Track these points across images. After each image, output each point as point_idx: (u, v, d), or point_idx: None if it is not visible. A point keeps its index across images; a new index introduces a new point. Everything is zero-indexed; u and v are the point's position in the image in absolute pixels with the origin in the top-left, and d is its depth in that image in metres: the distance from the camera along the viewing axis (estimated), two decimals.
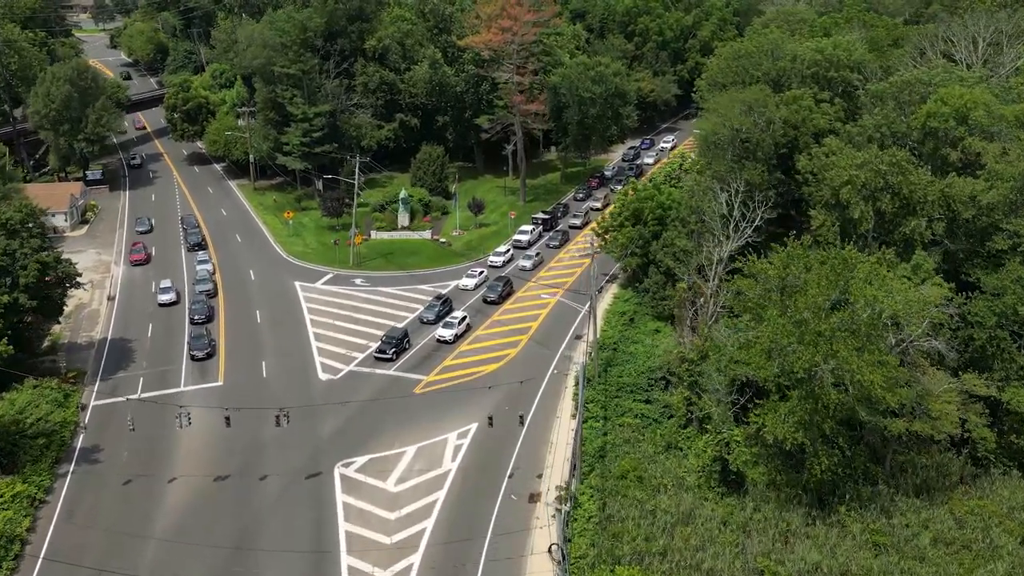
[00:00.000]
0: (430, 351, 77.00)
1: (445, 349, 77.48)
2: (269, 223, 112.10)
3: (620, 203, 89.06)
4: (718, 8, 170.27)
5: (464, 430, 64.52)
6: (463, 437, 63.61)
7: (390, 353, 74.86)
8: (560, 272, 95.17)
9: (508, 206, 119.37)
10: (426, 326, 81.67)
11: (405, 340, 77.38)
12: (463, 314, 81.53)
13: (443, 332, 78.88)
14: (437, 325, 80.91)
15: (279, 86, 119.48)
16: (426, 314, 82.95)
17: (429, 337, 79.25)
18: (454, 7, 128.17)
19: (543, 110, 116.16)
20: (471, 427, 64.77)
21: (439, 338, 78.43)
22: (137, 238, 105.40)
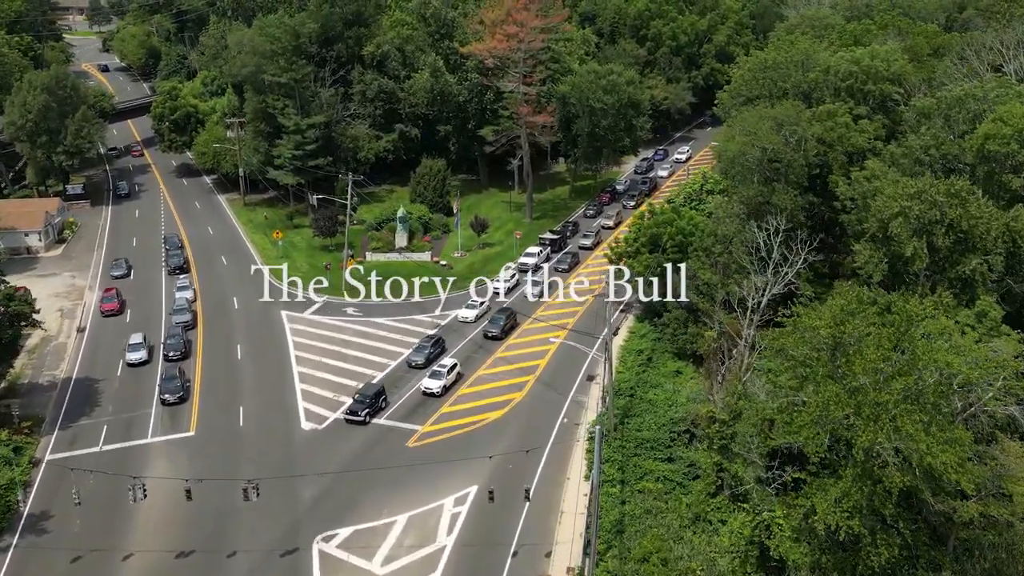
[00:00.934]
0: (422, 398, 69.41)
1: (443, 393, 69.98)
2: (258, 243, 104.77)
3: (636, 227, 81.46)
4: (734, 12, 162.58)
5: (462, 494, 56.97)
6: (461, 504, 56.05)
7: (362, 415, 65.01)
8: (569, 301, 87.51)
9: (513, 224, 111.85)
10: (415, 371, 72.84)
11: (381, 399, 67.19)
12: (453, 361, 72.41)
13: (429, 383, 69.48)
14: (427, 370, 72.21)
15: (270, 96, 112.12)
16: (415, 357, 74.27)
17: (419, 383, 70.78)
18: (457, 12, 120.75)
19: (551, 122, 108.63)
20: (470, 491, 57.21)
21: (425, 390, 69.10)
22: (111, 283, 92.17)
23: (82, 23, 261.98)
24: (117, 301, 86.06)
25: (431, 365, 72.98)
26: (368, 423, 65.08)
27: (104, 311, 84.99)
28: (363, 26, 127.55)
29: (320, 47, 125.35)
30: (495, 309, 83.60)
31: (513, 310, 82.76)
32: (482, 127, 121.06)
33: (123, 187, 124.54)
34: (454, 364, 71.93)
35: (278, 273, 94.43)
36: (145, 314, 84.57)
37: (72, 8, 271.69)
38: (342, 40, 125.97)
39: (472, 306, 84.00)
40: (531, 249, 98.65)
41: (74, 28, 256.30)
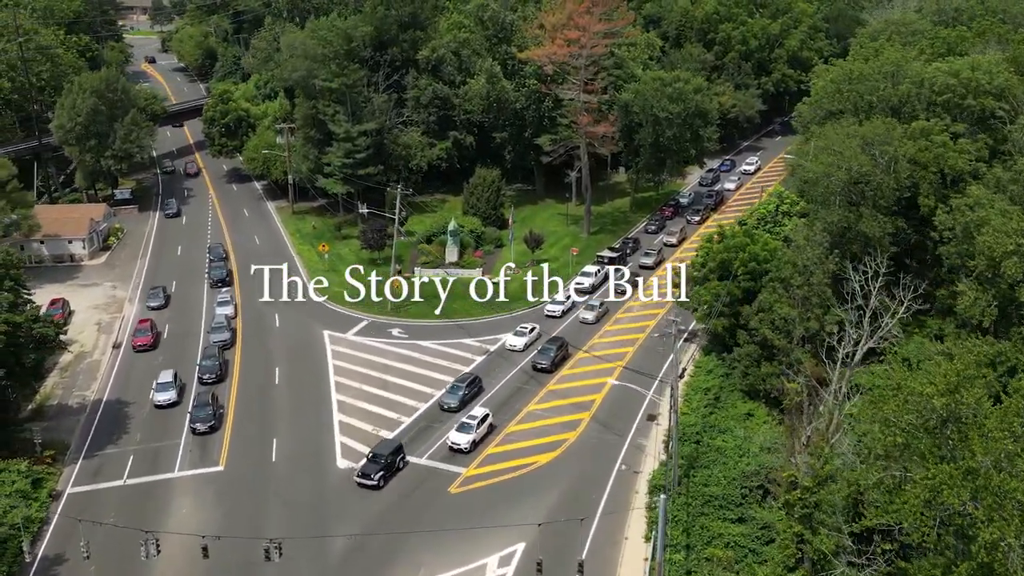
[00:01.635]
0: None
1: None
2: (304, 255, 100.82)
3: (704, 251, 75.01)
4: (808, 15, 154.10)
5: (508, 552, 51.49)
6: (506, 564, 50.58)
7: (375, 478, 57.21)
8: (628, 327, 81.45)
9: (570, 238, 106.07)
10: (449, 414, 66.20)
11: (399, 458, 59.37)
12: (484, 412, 63.94)
13: (457, 438, 61.50)
14: (461, 414, 65.25)
15: (320, 101, 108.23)
16: (448, 400, 67.14)
17: (450, 429, 63.73)
18: (515, 15, 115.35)
19: (612, 132, 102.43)
20: (516, 549, 51.70)
21: (452, 445, 61.43)
22: (147, 314, 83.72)
23: (145, 23, 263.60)
24: (151, 335, 78.14)
25: (465, 408, 66.34)
26: (382, 487, 57.56)
27: (136, 346, 77.14)
28: (419, 29, 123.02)
29: (374, 51, 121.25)
30: (545, 338, 77.81)
31: (564, 340, 76.76)
32: (539, 135, 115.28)
33: (171, 205, 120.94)
34: (485, 415, 63.64)
35: (322, 289, 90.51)
36: (182, 338, 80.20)
37: (136, 8, 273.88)
38: (396, 43, 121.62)
39: (521, 333, 78.20)
40: (587, 268, 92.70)
41: (137, 27, 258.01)
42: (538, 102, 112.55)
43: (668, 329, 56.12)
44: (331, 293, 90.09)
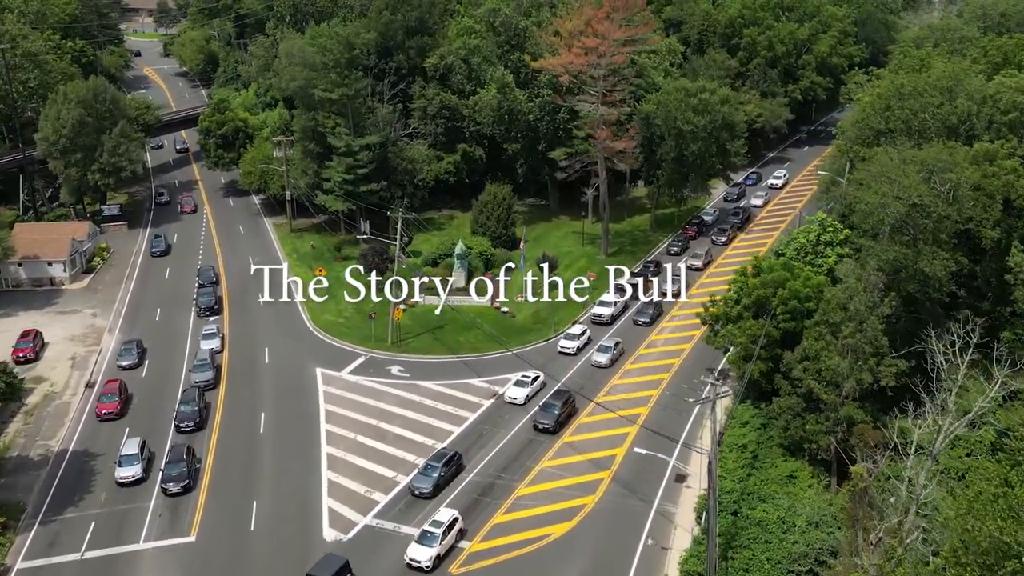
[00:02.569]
0: (473, 499, 56.75)
1: (497, 493, 57.24)
2: (302, 278, 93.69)
3: (738, 284, 67.34)
4: (837, 19, 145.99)
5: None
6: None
7: None
8: (649, 368, 73.89)
9: (586, 260, 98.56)
10: (422, 500, 55.69)
11: None
12: (452, 514, 52.23)
13: (417, 553, 49.63)
14: (434, 502, 55.09)
15: (320, 112, 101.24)
16: (420, 484, 56.15)
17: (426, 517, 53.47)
18: (529, 20, 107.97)
19: (633, 147, 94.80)
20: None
21: (410, 562, 49.48)
22: (116, 374, 72.21)
23: (151, 25, 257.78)
24: (118, 400, 66.35)
25: (441, 493, 56.44)
26: None
27: (101, 414, 65.60)
28: (426, 35, 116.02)
29: (378, 58, 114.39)
30: (550, 388, 69.08)
31: (571, 395, 67.19)
32: (553, 149, 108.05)
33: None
34: (454, 520, 51.92)
35: (315, 315, 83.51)
36: (161, 378, 73.35)
37: (142, 10, 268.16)
38: (402, 50, 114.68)
39: (522, 383, 68.78)
40: (606, 297, 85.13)
41: (143, 30, 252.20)
42: (552, 113, 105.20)
43: (703, 393, 48.55)
44: (326, 323, 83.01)
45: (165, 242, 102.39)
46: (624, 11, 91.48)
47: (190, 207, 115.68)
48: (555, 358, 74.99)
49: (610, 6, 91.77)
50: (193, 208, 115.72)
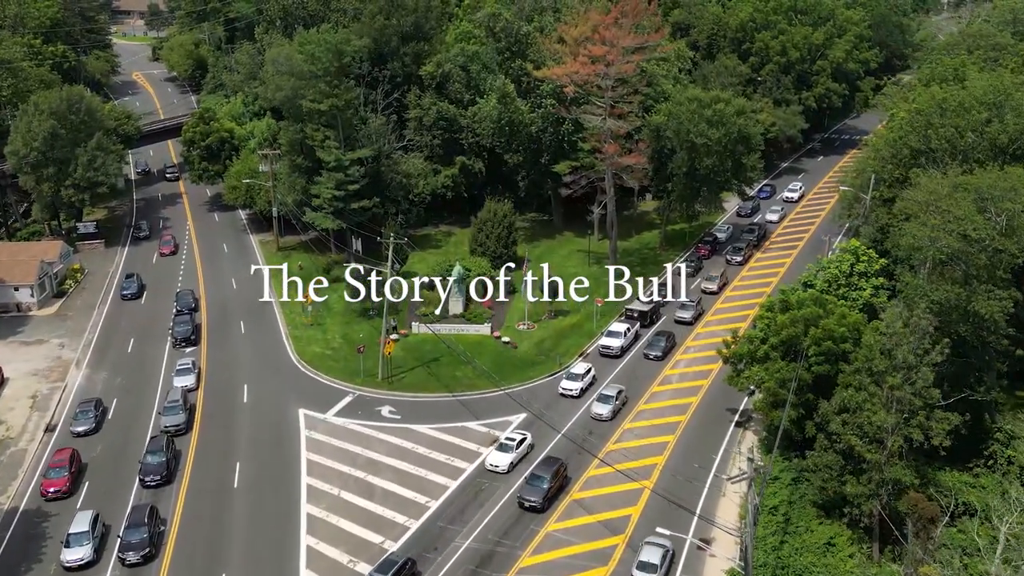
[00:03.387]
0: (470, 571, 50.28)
1: (498, 564, 50.74)
2: (285, 305, 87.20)
3: (764, 320, 60.97)
4: (853, 23, 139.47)
5: None
6: None
7: None
8: (663, 409, 67.40)
9: (594, 282, 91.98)
10: None
11: None
12: None
13: None
14: None
15: (308, 124, 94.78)
16: None
17: None
18: (531, 26, 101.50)
19: (643, 163, 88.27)
20: None
21: None
22: (69, 443, 62.49)
23: (143, 28, 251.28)
24: (68, 475, 57.15)
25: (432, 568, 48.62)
26: None
27: (46, 492, 56.48)
28: (422, 41, 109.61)
29: (372, 66, 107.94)
30: (540, 460, 58.80)
31: (562, 463, 58.03)
32: (557, 162, 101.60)
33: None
34: None
35: (300, 346, 77.19)
36: (127, 422, 66.90)
37: (134, 12, 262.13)
38: (397, 57, 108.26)
39: (506, 447, 60.16)
40: (614, 327, 78.57)
41: (133, 33, 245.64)
42: (556, 124, 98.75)
43: (742, 472, 42.16)
44: (312, 356, 76.58)
45: (138, 282, 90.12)
46: (633, 16, 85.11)
47: (169, 248, 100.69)
48: (557, 400, 68.33)
49: (618, 11, 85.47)
50: (173, 249, 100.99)
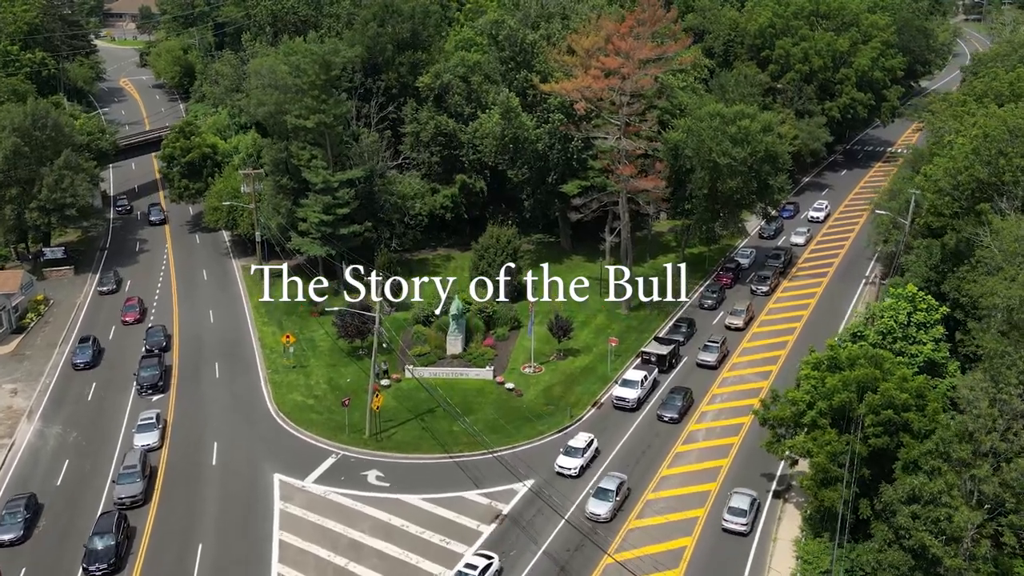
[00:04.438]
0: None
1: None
2: (267, 342, 79.11)
3: (811, 382, 52.65)
4: (879, 28, 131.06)
5: None
6: None
7: None
8: (685, 482, 59.03)
9: (605, 316, 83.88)
10: None
11: None
12: None
13: None
14: None
15: (294, 143, 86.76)
16: None
17: None
18: (537, 34, 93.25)
19: (662, 188, 79.87)
20: None
21: None
22: None
23: (134, 32, 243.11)
24: None
25: None
26: None
27: None
28: (420, 50, 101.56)
29: (365, 77, 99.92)
30: None
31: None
32: (565, 181, 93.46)
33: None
34: None
35: (280, 393, 68.98)
36: (77, 491, 58.79)
37: (125, 15, 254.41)
38: (392, 68, 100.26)
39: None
40: (630, 375, 69.79)
41: (125, 36, 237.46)
42: (564, 141, 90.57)
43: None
44: (293, 406, 68.38)
45: (94, 347, 75.57)
46: (651, 25, 76.82)
47: (133, 315, 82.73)
48: (553, 477, 59.43)
49: (634, 19, 77.24)
50: (139, 316, 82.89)
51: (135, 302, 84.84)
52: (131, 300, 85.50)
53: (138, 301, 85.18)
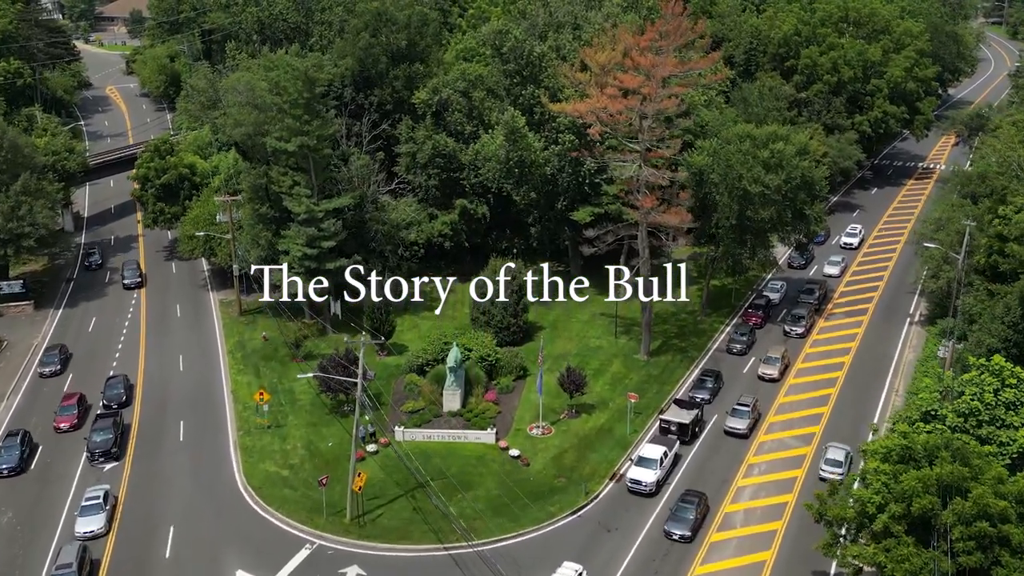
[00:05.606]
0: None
1: None
2: (240, 395, 70.12)
3: (881, 478, 43.43)
4: (913, 35, 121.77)
5: None
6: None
7: None
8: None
9: (621, 363, 74.88)
10: None
11: None
12: None
13: None
14: None
15: (274, 167, 77.83)
16: None
17: None
18: (546, 45, 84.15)
19: (687, 221, 70.50)
20: None
21: None
22: None
23: (122, 35, 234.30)
24: None
25: None
26: None
27: None
28: (417, 61, 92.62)
29: (355, 91, 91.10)
30: None
31: None
32: (576, 208, 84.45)
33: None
34: None
35: (251, 462, 59.98)
36: None
37: (118, 19, 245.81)
38: (386, 82, 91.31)
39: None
40: (647, 451, 59.13)
41: (116, 41, 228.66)
42: (575, 165, 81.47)
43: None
44: (264, 478, 59.37)
45: (22, 445, 61.12)
46: (675, 38, 67.53)
47: (70, 420, 65.20)
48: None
49: (656, 31, 67.93)
50: (75, 421, 65.33)
51: (74, 402, 66.34)
52: (69, 400, 66.87)
53: (78, 401, 66.53)
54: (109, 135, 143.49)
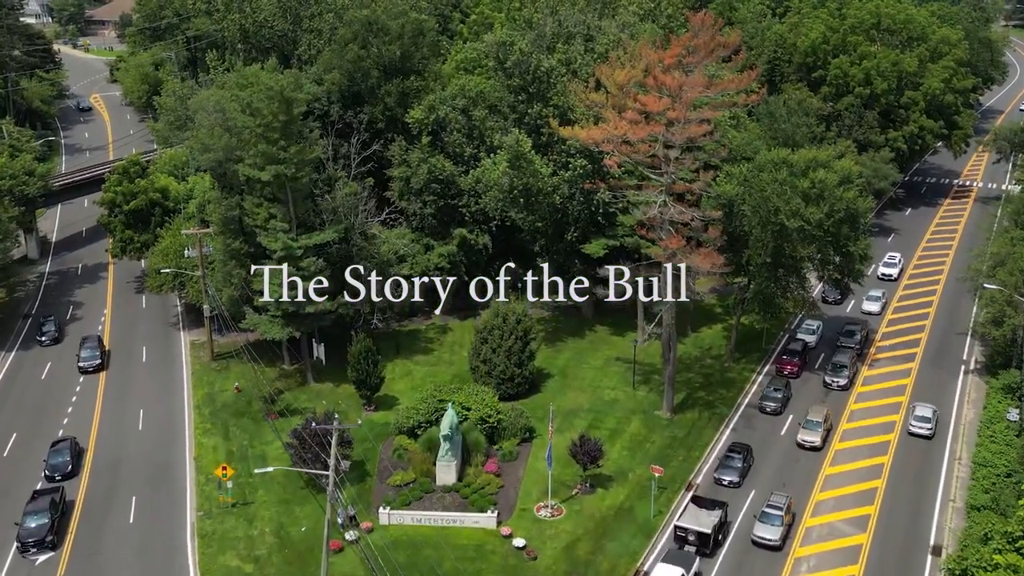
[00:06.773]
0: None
1: None
2: (204, 464, 61.03)
3: None
4: (951, 44, 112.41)
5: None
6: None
7: None
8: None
9: (641, 422, 65.76)
10: None
11: None
12: None
13: None
14: None
15: (248, 197, 68.86)
16: None
17: None
18: (555, 58, 75.01)
19: (718, 265, 60.95)
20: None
21: None
22: None
23: (112, 40, 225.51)
24: None
25: None
26: None
27: None
28: (411, 75, 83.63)
29: (344, 109, 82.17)
30: None
31: None
32: (588, 240, 75.49)
33: None
34: None
35: (209, 552, 50.92)
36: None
37: (108, 22, 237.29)
38: (377, 98, 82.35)
39: None
40: (661, 571, 49.05)
41: (105, 47, 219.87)
42: (587, 193, 72.37)
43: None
44: (223, 573, 50.30)
45: None
46: (706, 54, 58.31)
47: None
48: None
49: (682, 46, 58.67)
50: None
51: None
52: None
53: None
54: (88, 148, 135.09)
